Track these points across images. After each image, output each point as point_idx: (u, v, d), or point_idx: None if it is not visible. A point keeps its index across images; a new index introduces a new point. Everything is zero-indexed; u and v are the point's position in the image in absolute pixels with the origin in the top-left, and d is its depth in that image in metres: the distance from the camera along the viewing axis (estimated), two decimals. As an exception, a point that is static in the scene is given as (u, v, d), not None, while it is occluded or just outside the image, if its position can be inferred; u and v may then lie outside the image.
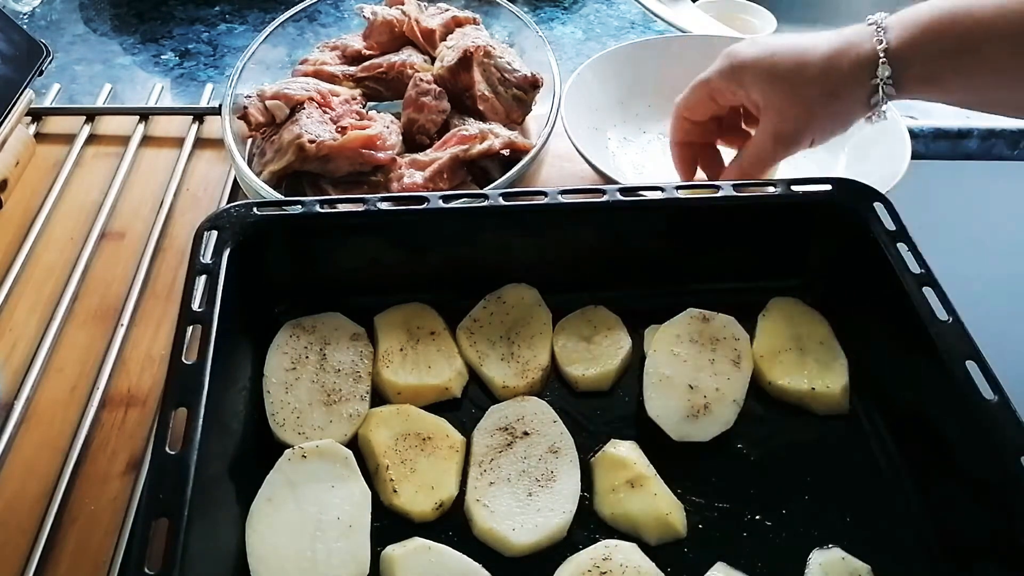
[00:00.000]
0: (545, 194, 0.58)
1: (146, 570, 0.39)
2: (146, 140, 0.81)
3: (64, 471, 0.54)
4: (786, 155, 0.62)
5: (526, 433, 0.54)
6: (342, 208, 0.57)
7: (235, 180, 0.76)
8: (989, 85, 0.55)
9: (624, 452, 0.53)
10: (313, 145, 0.66)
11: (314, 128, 0.67)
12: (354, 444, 0.53)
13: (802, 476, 0.53)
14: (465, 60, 0.72)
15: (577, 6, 1.06)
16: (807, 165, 0.80)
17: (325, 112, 0.70)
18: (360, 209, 0.57)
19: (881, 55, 0.55)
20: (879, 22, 0.56)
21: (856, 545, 0.50)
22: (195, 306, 0.50)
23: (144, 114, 0.83)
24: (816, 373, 0.57)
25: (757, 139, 0.62)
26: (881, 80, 0.56)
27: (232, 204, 0.57)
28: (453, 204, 0.57)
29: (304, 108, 0.70)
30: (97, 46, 0.97)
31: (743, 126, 0.68)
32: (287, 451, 0.51)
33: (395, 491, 0.50)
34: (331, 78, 0.76)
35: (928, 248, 0.55)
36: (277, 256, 0.58)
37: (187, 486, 0.43)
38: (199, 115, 0.83)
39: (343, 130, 0.68)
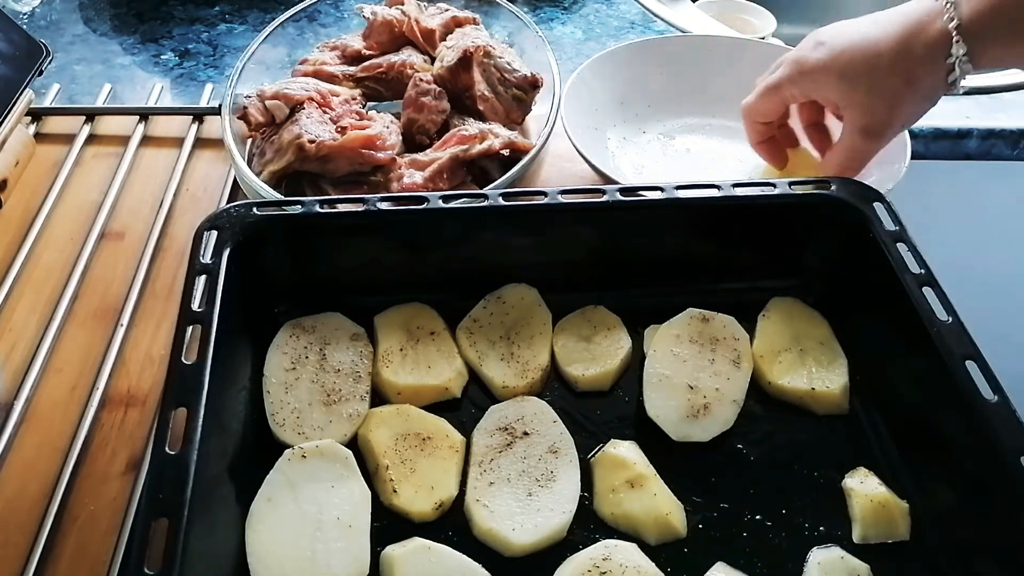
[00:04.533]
0: (545, 194, 0.58)
1: (146, 570, 0.39)
2: (146, 140, 0.81)
3: (64, 471, 0.54)
4: (880, 147, 0.62)
5: (526, 433, 0.54)
6: (342, 208, 0.57)
7: (235, 180, 0.75)
8: None
9: (624, 452, 0.53)
10: (313, 145, 0.66)
11: (314, 128, 0.67)
12: (354, 444, 0.53)
13: (802, 476, 0.53)
14: (465, 60, 0.72)
15: (577, 6, 1.06)
16: (807, 165, 0.80)
17: (325, 112, 0.70)
18: (360, 209, 0.57)
19: (955, 34, 0.54)
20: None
21: (855, 545, 0.50)
22: (195, 306, 0.50)
23: (144, 114, 0.83)
24: (816, 373, 0.57)
25: (846, 138, 0.62)
26: (957, 58, 0.55)
27: (232, 204, 0.57)
28: (453, 204, 0.57)
29: (304, 108, 0.70)
30: (97, 46, 0.97)
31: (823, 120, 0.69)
32: (287, 451, 0.51)
33: (395, 491, 0.50)
34: (331, 78, 0.76)
35: (928, 248, 0.55)
36: (277, 256, 0.58)
37: (187, 486, 0.43)
38: (199, 115, 0.83)
39: (343, 130, 0.68)
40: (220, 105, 0.72)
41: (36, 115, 0.82)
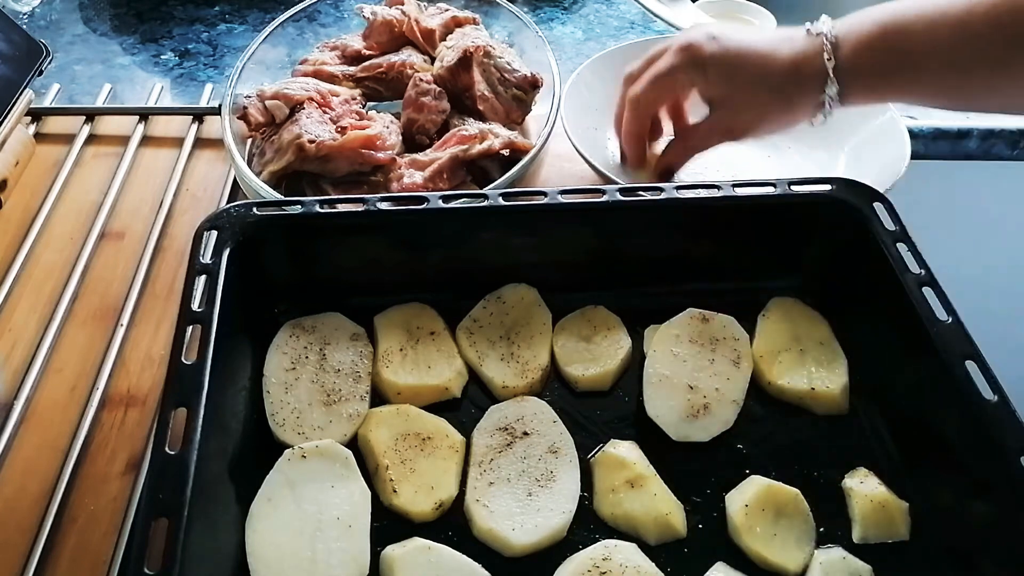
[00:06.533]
0: (545, 194, 0.58)
1: (146, 570, 0.39)
2: (146, 140, 0.81)
3: (64, 471, 0.54)
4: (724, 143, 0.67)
5: (526, 433, 0.54)
6: (342, 208, 0.57)
7: (235, 180, 0.75)
8: (924, 96, 0.61)
9: (624, 452, 0.53)
10: (313, 145, 0.66)
11: (314, 128, 0.67)
12: (354, 444, 0.53)
13: (802, 476, 0.53)
14: (465, 60, 0.72)
15: (577, 6, 1.06)
16: (807, 165, 0.80)
17: (325, 112, 0.70)
18: (360, 209, 0.57)
19: (830, 73, 0.59)
20: (828, 36, 0.59)
21: (856, 545, 0.50)
22: (195, 306, 0.50)
23: (144, 114, 0.83)
24: (816, 373, 0.57)
25: (705, 128, 0.67)
26: (828, 96, 0.60)
27: (232, 204, 0.57)
28: (453, 204, 0.57)
29: (304, 108, 0.70)
30: (97, 46, 0.97)
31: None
32: (287, 451, 0.51)
33: (395, 491, 0.50)
34: (331, 78, 0.76)
35: (928, 248, 0.55)
36: (277, 256, 0.58)
37: (187, 486, 0.43)
38: (199, 115, 0.83)
39: (343, 130, 0.68)
40: (220, 105, 0.72)
41: (36, 115, 0.82)
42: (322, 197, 0.58)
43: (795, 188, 0.59)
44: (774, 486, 0.51)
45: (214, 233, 0.54)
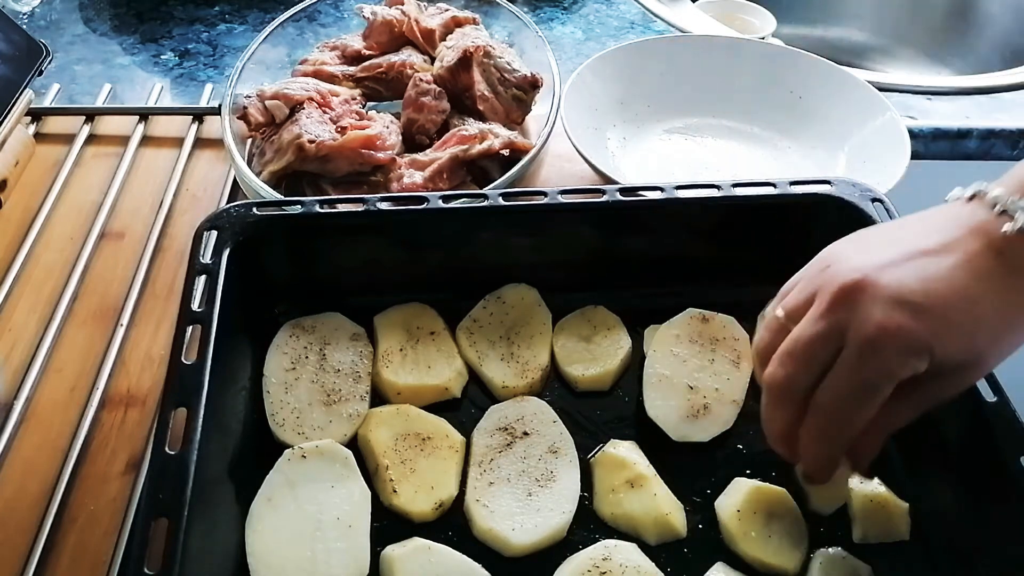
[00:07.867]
0: (545, 194, 0.58)
1: (146, 570, 0.39)
2: (146, 140, 0.81)
3: (64, 471, 0.54)
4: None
5: (526, 433, 0.54)
6: (342, 208, 0.57)
7: (235, 180, 0.75)
8: None
9: (624, 452, 0.53)
10: (313, 145, 0.66)
11: (314, 128, 0.67)
12: (354, 444, 0.53)
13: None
14: (465, 60, 0.72)
15: (577, 6, 1.06)
16: (807, 165, 0.80)
17: (325, 112, 0.70)
18: (360, 209, 0.57)
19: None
20: (992, 197, 0.47)
21: (856, 545, 0.50)
22: (195, 306, 0.50)
23: (144, 114, 0.83)
24: (816, 373, 0.57)
25: (917, 396, 0.45)
26: None
27: (232, 204, 0.57)
28: (453, 204, 0.57)
29: (304, 108, 0.70)
30: (97, 46, 0.97)
31: None
32: (287, 451, 0.51)
33: (395, 491, 0.50)
34: (331, 78, 0.76)
35: (928, 248, 0.55)
36: (277, 256, 0.58)
37: (187, 486, 0.43)
38: (199, 115, 0.83)
39: (343, 130, 0.68)
40: (220, 105, 0.72)
41: (36, 115, 0.82)
42: (322, 197, 0.58)
43: (795, 188, 0.59)
44: (762, 486, 0.51)
45: (214, 233, 0.54)
